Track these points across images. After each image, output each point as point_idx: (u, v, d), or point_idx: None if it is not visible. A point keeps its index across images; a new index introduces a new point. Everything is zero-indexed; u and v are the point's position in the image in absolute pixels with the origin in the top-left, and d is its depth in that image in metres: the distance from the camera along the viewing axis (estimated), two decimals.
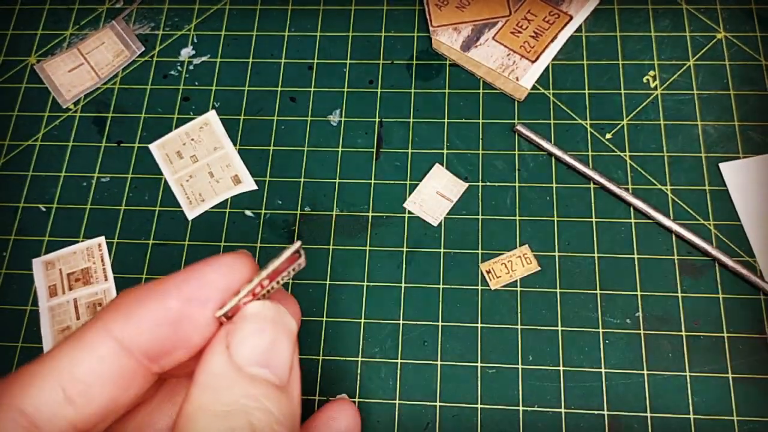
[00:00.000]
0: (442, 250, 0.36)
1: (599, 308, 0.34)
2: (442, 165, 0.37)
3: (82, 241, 0.37)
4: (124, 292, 0.16)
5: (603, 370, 0.33)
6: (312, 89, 0.40)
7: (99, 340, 0.15)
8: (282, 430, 0.15)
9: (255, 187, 0.38)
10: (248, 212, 0.37)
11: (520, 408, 0.32)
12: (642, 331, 0.33)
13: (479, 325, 0.34)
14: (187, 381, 0.17)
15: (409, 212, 0.37)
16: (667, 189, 0.36)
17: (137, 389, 0.16)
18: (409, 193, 0.37)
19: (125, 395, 0.15)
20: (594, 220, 0.36)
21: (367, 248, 0.36)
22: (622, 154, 0.37)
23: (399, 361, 0.33)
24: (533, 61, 0.38)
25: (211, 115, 0.40)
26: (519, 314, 0.34)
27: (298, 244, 0.17)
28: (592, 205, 0.36)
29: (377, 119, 0.39)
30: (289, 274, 0.18)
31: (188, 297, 0.15)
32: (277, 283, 0.18)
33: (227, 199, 0.38)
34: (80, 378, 0.14)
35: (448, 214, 0.36)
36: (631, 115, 0.38)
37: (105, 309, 0.16)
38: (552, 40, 0.39)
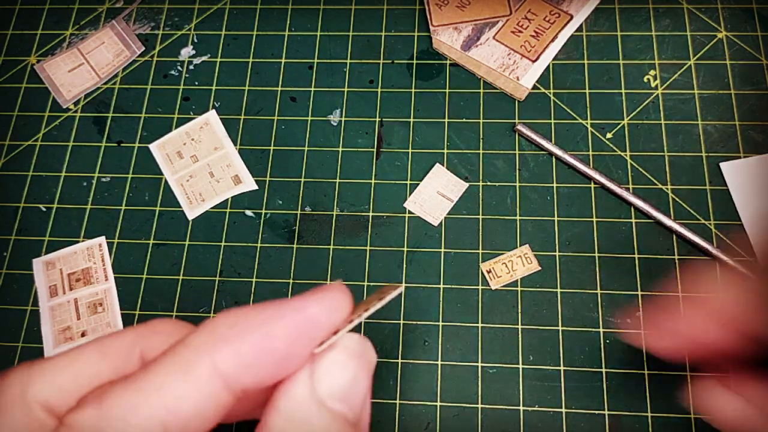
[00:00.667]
0: (442, 249, 0.36)
1: (599, 308, 0.34)
2: (443, 165, 0.37)
3: (82, 241, 0.37)
4: (220, 319, 0.15)
5: (603, 370, 0.33)
6: (312, 89, 0.40)
7: (205, 374, 0.14)
8: None
9: (255, 187, 0.38)
10: (248, 212, 0.37)
11: (521, 408, 0.32)
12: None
13: (480, 325, 0.34)
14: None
15: (410, 212, 0.37)
16: (667, 188, 0.36)
17: (220, 419, 0.15)
18: (410, 193, 0.37)
19: (209, 426, 0.15)
20: (594, 219, 0.36)
21: (368, 248, 0.36)
22: (622, 153, 0.37)
23: (399, 361, 0.33)
24: (534, 61, 0.38)
25: (211, 115, 0.40)
26: (519, 314, 0.34)
27: (401, 288, 0.18)
28: (593, 204, 0.36)
29: (377, 119, 0.39)
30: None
31: (296, 335, 0.15)
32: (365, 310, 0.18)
33: (227, 199, 0.38)
34: (182, 415, 0.14)
35: (448, 213, 0.36)
36: (632, 114, 0.38)
37: (205, 336, 0.15)
38: (552, 40, 0.39)
